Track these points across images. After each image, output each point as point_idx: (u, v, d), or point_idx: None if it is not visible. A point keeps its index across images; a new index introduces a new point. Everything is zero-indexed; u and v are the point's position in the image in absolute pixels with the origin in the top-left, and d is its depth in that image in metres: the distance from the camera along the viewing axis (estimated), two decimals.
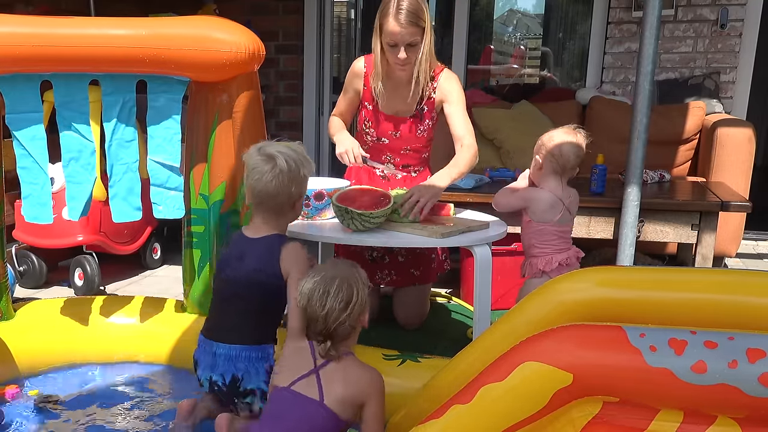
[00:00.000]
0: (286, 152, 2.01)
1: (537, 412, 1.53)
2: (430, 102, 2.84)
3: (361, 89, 2.89)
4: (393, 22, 2.59)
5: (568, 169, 2.51)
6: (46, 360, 2.56)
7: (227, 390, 2.03)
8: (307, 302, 1.78)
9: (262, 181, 1.99)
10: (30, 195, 2.44)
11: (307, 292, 1.78)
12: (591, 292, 1.68)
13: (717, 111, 4.44)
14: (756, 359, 1.40)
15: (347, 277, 1.80)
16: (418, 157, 2.95)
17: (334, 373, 1.79)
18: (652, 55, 2.94)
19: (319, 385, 1.77)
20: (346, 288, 1.78)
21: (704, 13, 4.70)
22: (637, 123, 3.01)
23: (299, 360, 1.83)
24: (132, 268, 4.02)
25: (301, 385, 1.78)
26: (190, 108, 2.54)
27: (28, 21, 2.33)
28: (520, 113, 4.55)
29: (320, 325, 1.77)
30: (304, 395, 1.76)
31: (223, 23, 2.36)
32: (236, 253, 2.08)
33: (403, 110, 2.86)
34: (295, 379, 1.79)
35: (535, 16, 7.71)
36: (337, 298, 1.76)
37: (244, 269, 2.04)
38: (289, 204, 2.06)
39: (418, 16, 2.60)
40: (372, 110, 2.88)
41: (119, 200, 2.47)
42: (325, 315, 1.75)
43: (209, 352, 2.06)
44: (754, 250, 4.64)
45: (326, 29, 5.60)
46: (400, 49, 2.63)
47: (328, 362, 1.80)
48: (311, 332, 1.81)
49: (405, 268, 2.96)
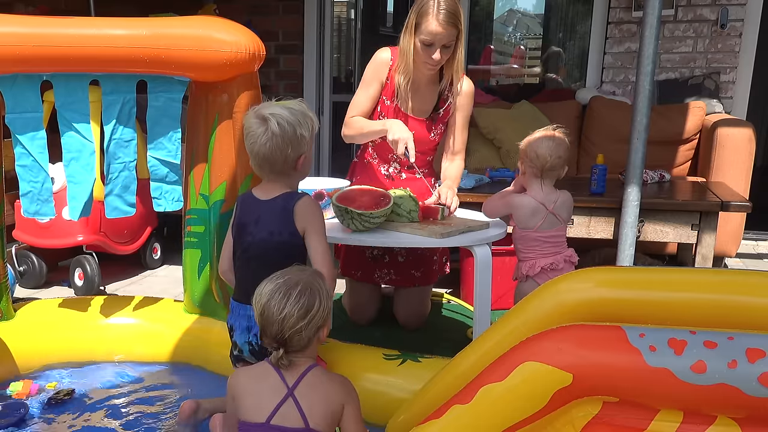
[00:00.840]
0: (281, 114, 1.96)
1: (537, 412, 1.53)
2: (447, 107, 2.84)
3: (384, 82, 2.83)
4: (434, 22, 2.57)
5: (547, 170, 2.44)
6: (46, 360, 2.56)
7: (260, 349, 2.00)
8: (266, 303, 1.67)
9: (257, 144, 1.97)
10: (30, 192, 2.44)
11: (268, 292, 1.68)
12: (591, 292, 1.68)
13: (717, 111, 4.44)
14: (756, 359, 1.40)
15: (311, 284, 1.71)
16: (423, 159, 2.93)
17: (309, 392, 1.69)
18: (652, 55, 2.94)
19: (300, 410, 1.66)
20: (309, 296, 1.68)
21: (704, 13, 4.70)
22: (637, 123, 3.01)
23: (266, 386, 1.70)
24: (132, 268, 4.02)
25: (281, 416, 1.65)
26: (190, 108, 2.54)
27: (29, 21, 2.32)
28: (520, 113, 4.55)
29: (275, 329, 1.66)
30: (287, 428, 1.65)
31: (224, 23, 2.36)
32: (253, 218, 2.06)
33: (421, 111, 2.84)
34: (272, 411, 1.66)
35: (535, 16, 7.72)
36: (297, 304, 1.66)
37: (262, 233, 2.03)
38: (289, 165, 2.02)
39: (457, 18, 2.60)
40: (390, 106, 2.84)
41: (113, 197, 2.48)
42: (281, 319, 1.65)
43: (243, 315, 2.05)
44: (754, 250, 4.64)
45: (326, 29, 5.60)
46: (435, 49, 2.62)
47: (299, 381, 1.70)
48: (265, 337, 1.70)
49: (405, 268, 2.96)
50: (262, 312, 1.69)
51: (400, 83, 2.77)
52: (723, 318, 1.57)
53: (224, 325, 2.52)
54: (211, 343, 2.53)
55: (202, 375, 2.51)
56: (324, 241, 2.01)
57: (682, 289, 1.66)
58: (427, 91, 2.81)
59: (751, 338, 1.45)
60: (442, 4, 2.58)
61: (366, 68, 2.86)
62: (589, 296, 1.68)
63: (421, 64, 2.71)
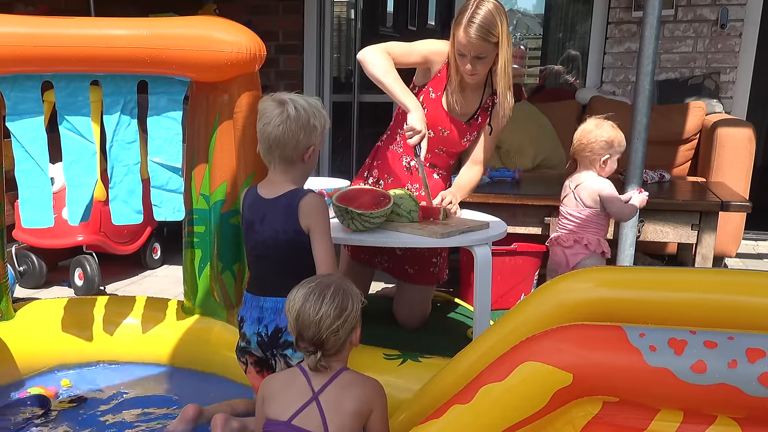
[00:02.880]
0: (298, 101, 1.99)
1: (537, 412, 1.53)
2: (485, 115, 2.81)
3: (435, 72, 2.76)
4: (462, 34, 2.53)
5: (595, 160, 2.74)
6: (46, 360, 2.56)
7: (268, 341, 2.02)
8: (300, 307, 1.69)
9: (270, 125, 1.97)
10: (29, 199, 2.41)
11: (301, 296, 1.70)
12: (591, 292, 1.69)
13: (717, 111, 4.44)
14: (756, 359, 1.40)
15: (342, 285, 1.74)
16: (446, 162, 2.91)
17: (336, 397, 1.71)
18: (652, 55, 2.94)
19: (322, 416, 1.68)
20: (342, 296, 1.71)
21: (704, 13, 4.70)
22: (637, 123, 3.01)
23: (293, 389, 1.73)
24: (132, 268, 4.02)
25: (302, 418, 1.68)
26: (191, 108, 2.54)
27: (29, 21, 2.33)
28: (520, 113, 4.54)
29: (312, 331, 1.68)
30: (306, 430, 1.67)
31: (225, 23, 2.36)
32: (258, 216, 2.07)
33: (462, 113, 2.79)
34: (295, 412, 1.69)
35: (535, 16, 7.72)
36: (333, 304, 1.68)
37: (269, 231, 2.03)
38: (298, 154, 2.01)
39: (489, 32, 2.51)
40: (433, 99, 2.77)
41: (119, 202, 2.46)
42: (318, 320, 1.67)
43: (256, 306, 2.06)
44: (754, 250, 4.64)
45: (326, 29, 5.60)
46: (467, 61, 2.58)
47: (326, 386, 1.72)
48: (301, 341, 1.72)
49: (400, 261, 2.95)
50: (297, 316, 1.70)
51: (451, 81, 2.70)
52: (723, 318, 1.58)
53: (224, 325, 2.54)
54: (211, 344, 2.53)
55: (202, 375, 2.52)
56: (328, 240, 2.01)
57: (682, 289, 1.66)
58: (473, 95, 2.77)
59: (751, 338, 1.45)
60: (477, 14, 2.51)
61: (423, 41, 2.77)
62: (589, 296, 1.68)
63: (461, 71, 2.67)
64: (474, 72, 2.62)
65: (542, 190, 3.53)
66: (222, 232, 2.51)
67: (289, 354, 2.02)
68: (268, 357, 2.06)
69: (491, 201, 3.23)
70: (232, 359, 2.41)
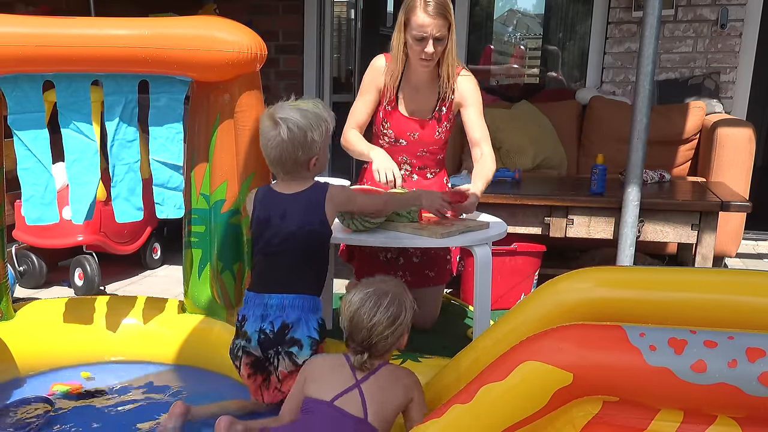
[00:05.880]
0: (292, 118, 2.04)
1: (537, 412, 1.53)
2: (449, 103, 2.84)
3: (382, 87, 2.84)
4: (422, 14, 2.59)
5: None
6: (46, 360, 2.55)
7: (274, 337, 2.04)
8: (356, 310, 1.81)
9: (268, 147, 2.08)
10: (32, 196, 2.42)
11: (358, 300, 1.82)
12: (592, 292, 1.69)
13: (717, 111, 4.45)
14: (756, 358, 1.41)
15: (399, 295, 1.85)
16: (434, 159, 2.94)
17: (377, 388, 1.80)
18: (652, 55, 2.94)
19: (363, 402, 1.77)
20: (397, 305, 1.82)
21: (704, 13, 4.70)
22: (637, 123, 3.01)
23: (337, 374, 1.84)
24: (132, 268, 4.02)
25: (344, 401, 1.78)
26: (191, 108, 2.54)
27: (30, 21, 2.32)
28: (520, 113, 4.55)
29: (363, 335, 1.80)
30: (347, 412, 1.76)
31: (226, 23, 2.36)
32: (277, 212, 2.10)
33: (422, 111, 2.84)
34: (337, 393, 1.79)
35: (535, 16, 7.72)
36: (387, 312, 1.80)
37: (290, 226, 2.08)
38: (300, 166, 2.09)
39: (445, 8, 2.61)
40: (390, 111, 2.85)
41: (121, 200, 2.47)
42: (371, 326, 1.79)
43: (260, 304, 2.08)
44: (754, 250, 4.64)
45: (326, 29, 5.60)
46: (428, 42, 2.62)
47: (368, 377, 1.82)
48: (351, 341, 1.84)
49: (420, 269, 2.95)
50: (351, 318, 1.82)
51: (390, 83, 2.78)
52: (724, 318, 1.58)
53: (224, 325, 2.54)
54: (211, 344, 2.53)
55: (202, 375, 2.51)
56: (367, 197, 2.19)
57: (683, 289, 1.66)
58: (428, 91, 2.81)
59: (751, 338, 1.46)
60: None
61: (363, 76, 2.89)
62: (590, 296, 1.68)
63: (416, 63, 2.72)
64: (433, 56, 2.66)
65: (542, 190, 3.53)
66: (222, 232, 2.51)
67: (295, 352, 2.03)
68: (268, 356, 2.06)
69: (491, 201, 3.23)
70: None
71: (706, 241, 3.16)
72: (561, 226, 3.27)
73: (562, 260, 3.87)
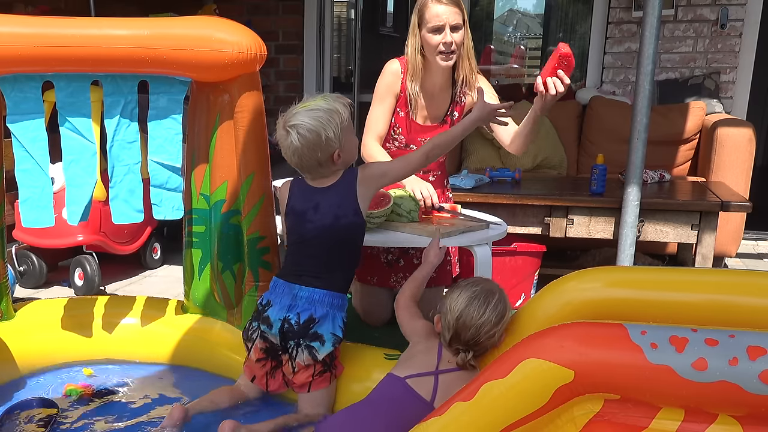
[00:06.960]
0: (302, 123, 2.04)
1: (538, 410, 1.53)
2: (460, 107, 2.82)
3: (398, 93, 2.81)
4: (435, 5, 2.61)
5: None
6: (46, 360, 2.55)
7: (298, 329, 2.04)
8: (464, 309, 1.82)
9: (286, 154, 2.11)
10: (29, 198, 2.41)
11: (465, 299, 1.84)
12: (599, 292, 1.69)
13: (717, 111, 4.45)
14: (756, 356, 1.40)
15: (503, 293, 1.88)
16: (437, 162, 2.93)
17: (454, 381, 1.80)
18: (652, 55, 2.95)
19: (435, 389, 1.80)
20: (503, 303, 1.85)
21: (704, 13, 4.71)
22: (637, 123, 3.01)
23: (424, 358, 1.88)
24: (132, 268, 4.02)
25: (417, 382, 1.82)
26: (191, 108, 2.54)
27: (30, 21, 2.32)
28: (521, 113, 4.54)
29: (471, 333, 1.82)
30: (415, 391, 1.79)
31: (226, 23, 2.36)
32: (311, 204, 2.13)
33: (434, 117, 2.83)
34: (413, 373, 1.84)
35: (535, 16, 7.71)
36: (495, 311, 1.82)
37: (325, 217, 2.09)
38: (324, 164, 2.10)
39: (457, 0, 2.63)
40: (404, 117, 2.82)
41: (120, 202, 2.47)
42: (480, 324, 1.80)
43: (289, 293, 2.09)
44: (754, 250, 4.64)
45: (326, 29, 5.60)
46: (445, 31, 2.61)
47: (450, 371, 1.84)
48: (455, 340, 1.85)
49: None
50: (459, 317, 1.84)
51: (410, 90, 2.75)
52: (725, 318, 1.58)
53: (224, 325, 2.54)
54: (211, 344, 2.53)
55: (202, 376, 2.51)
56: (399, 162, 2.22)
57: (685, 289, 1.66)
58: (441, 97, 2.79)
59: (752, 336, 1.45)
60: None
61: (377, 83, 2.83)
62: (597, 296, 1.68)
63: (434, 61, 2.68)
64: (450, 49, 2.63)
65: (542, 190, 3.53)
66: (222, 232, 2.50)
67: (316, 347, 2.04)
68: (286, 347, 2.07)
69: (491, 201, 3.23)
70: (232, 358, 2.42)
71: (706, 241, 3.16)
72: (561, 226, 3.27)
73: (562, 260, 3.87)
